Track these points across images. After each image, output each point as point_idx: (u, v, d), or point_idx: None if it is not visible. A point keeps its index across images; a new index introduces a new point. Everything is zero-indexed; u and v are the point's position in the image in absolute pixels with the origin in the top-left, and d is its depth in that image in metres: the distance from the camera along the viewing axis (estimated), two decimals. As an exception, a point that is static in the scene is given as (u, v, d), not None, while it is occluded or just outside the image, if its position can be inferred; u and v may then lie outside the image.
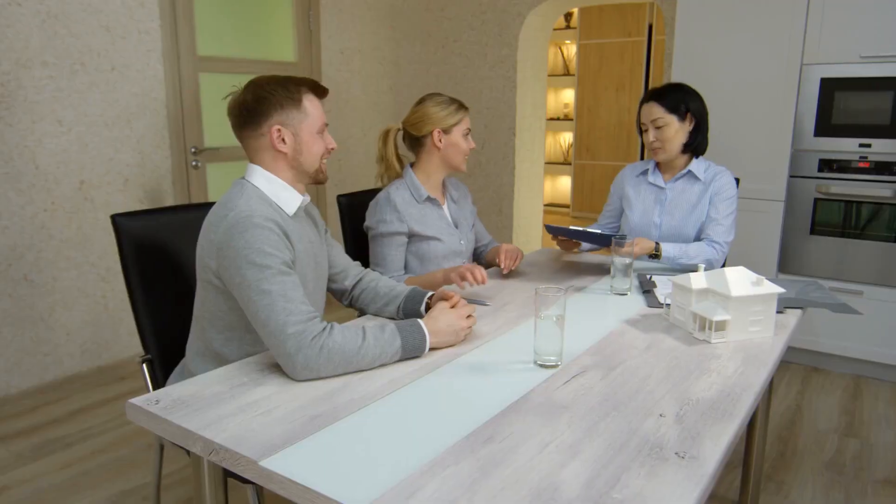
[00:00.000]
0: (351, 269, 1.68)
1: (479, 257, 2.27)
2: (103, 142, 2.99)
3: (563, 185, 7.96)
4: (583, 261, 2.28)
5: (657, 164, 2.30)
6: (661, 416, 1.12)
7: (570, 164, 7.64)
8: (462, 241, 2.08)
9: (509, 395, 1.20)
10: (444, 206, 2.09)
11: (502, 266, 2.00)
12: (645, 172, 2.32)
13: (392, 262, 1.96)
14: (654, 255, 2.11)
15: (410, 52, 4.58)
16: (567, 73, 7.62)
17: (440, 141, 1.98)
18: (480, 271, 1.77)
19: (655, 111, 2.15)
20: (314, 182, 1.49)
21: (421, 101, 2.00)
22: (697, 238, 2.21)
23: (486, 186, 4.51)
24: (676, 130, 2.15)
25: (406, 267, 2.02)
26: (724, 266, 2.41)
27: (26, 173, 2.76)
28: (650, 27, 6.66)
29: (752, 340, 1.49)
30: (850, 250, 2.99)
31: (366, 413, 1.12)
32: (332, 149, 1.49)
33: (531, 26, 4.27)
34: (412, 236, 1.98)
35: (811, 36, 2.93)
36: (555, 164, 7.88)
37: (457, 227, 2.09)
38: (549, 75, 7.72)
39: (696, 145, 2.20)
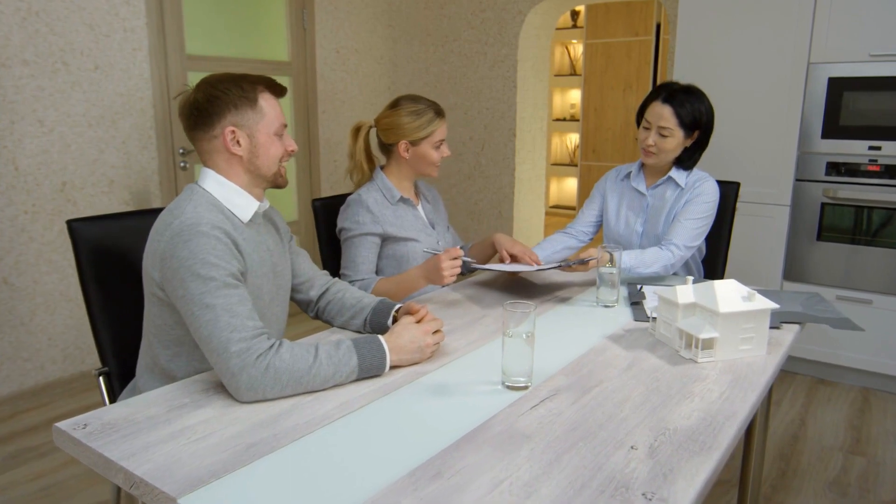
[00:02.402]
0: (317, 280, 1.58)
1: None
2: (87, 142, 2.92)
3: (569, 187, 7.84)
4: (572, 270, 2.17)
5: (642, 167, 2.18)
6: (632, 448, 1.01)
7: (576, 165, 7.52)
8: (440, 242, 1.99)
9: (469, 421, 1.10)
10: (419, 207, 2.00)
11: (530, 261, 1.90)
12: (628, 175, 2.20)
13: (362, 264, 1.85)
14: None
15: (408, 51, 4.48)
16: (574, 73, 7.50)
17: (407, 152, 1.89)
18: (458, 254, 1.68)
19: (666, 118, 1.98)
20: (273, 186, 1.40)
21: (395, 105, 1.89)
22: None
23: (485, 188, 4.41)
24: (678, 144, 2.02)
25: (382, 271, 1.93)
26: (704, 275, 2.29)
27: (5, 175, 2.69)
28: (658, 26, 6.53)
29: (742, 360, 1.38)
30: (858, 258, 2.86)
31: (308, 441, 1.03)
32: (293, 151, 1.40)
33: (532, 24, 4.17)
34: (387, 239, 1.89)
35: (818, 33, 2.81)
36: (561, 166, 7.76)
37: (433, 227, 2.00)
38: (555, 75, 7.60)
39: (686, 161, 2.07)
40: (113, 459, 0.96)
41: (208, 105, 1.29)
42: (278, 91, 1.37)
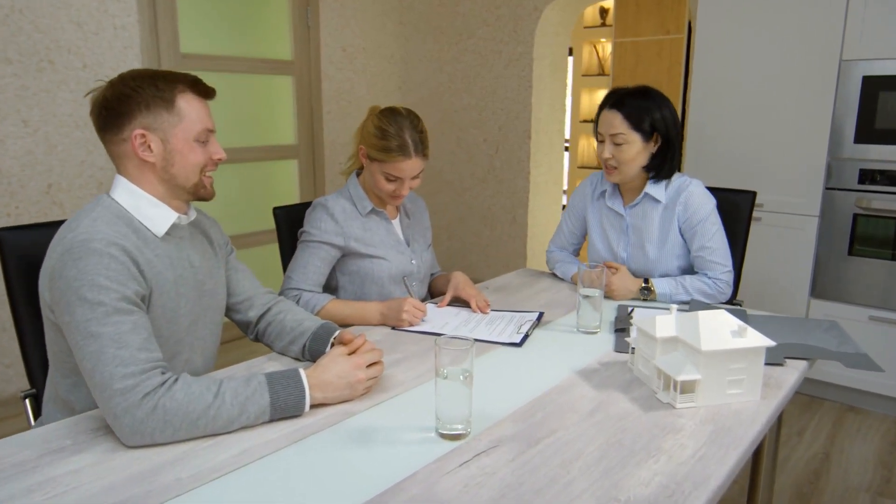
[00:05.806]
0: (258, 299, 1.42)
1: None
2: (73, 143, 2.84)
3: (596, 191, 7.60)
4: (561, 287, 1.98)
5: (617, 184, 1.95)
6: (566, 526, 0.83)
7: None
8: (413, 261, 1.79)
9: (386, 477, 0.92)
10: (395, 221, 1.81)
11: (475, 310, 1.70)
12: (604, 193, 1.97)
13: (313, 274, 1.66)
14: (646, 296, 1.80)
15: (421, 49, 4.32)
16: (602, 73, 7.23)
17: (365, 158, 1.70)
18: (423, 308, 1.56)
19: (616, 124, 1.76)
20: (195, 198, 1.25)
21: (383, 112, 1.67)
22: (686, 270, 1.88)
23: (498, 192, 4.22)
24: (638, 152, 1.78)
25: (343, 288, 1.75)
26: (734, 296, 2.07)
27: (-13, 176, 2.62)
28: (690, 24, 6.23)
29: (730, 406, 1.18)
30: (895, 274, 2.59)
31: (184, 502, 0.87)
32: (219, 160, 1.24)
33: (549, 21, 3.96)
34: (350, 253, 1.71)
35: (852, 27, 2.54)
36: (589, 169, 7.51)
37: (408, 244, 1.82)
38: (583, 75, 7.34)
39: (658, 169, 1.82)
40: (-56, 521, 0.82)
41: (117, 104, 1.15)
42: (203, 91, 1.22)
